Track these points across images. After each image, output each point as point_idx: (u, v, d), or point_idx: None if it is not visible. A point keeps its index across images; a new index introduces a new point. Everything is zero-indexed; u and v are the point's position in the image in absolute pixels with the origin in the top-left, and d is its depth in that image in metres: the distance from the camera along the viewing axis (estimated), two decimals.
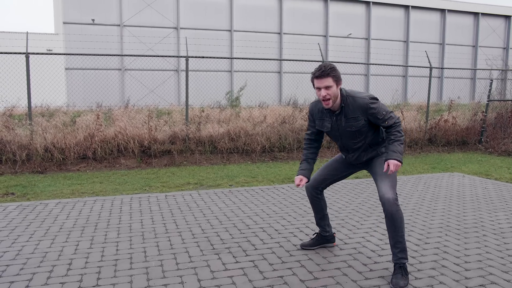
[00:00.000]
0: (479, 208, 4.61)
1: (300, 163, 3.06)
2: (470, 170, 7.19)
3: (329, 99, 2.75)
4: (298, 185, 2.94)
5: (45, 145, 7.26)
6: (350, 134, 2.85)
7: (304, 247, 3.33)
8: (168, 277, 2.80)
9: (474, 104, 11.64)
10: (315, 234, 3.38)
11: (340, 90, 2.79)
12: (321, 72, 2.70)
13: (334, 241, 3.39)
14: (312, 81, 2.78)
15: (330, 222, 4.03)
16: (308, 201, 3.54)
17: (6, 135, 7.34)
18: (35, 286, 2.66)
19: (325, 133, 3.05)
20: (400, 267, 2.72)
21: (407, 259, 2.75)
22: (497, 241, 3.54)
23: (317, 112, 2.96)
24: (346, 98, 2.78)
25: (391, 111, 2.80)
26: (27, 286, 2.66)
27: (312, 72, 2.80)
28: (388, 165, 2.69)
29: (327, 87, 2.72)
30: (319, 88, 2.74)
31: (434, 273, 2.87)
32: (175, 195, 5.19)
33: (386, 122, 2.75)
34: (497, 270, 2.93)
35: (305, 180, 2.97)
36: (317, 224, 3.31)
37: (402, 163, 2.70)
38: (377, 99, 2.78)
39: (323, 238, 3.33)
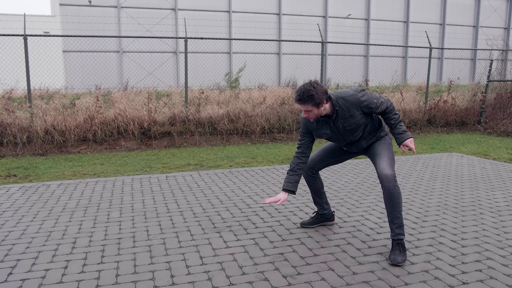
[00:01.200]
0: (477, 187, 4.67)
1: (288, 172, 3.00)
2: (469, 150, 7.23)
3: (311, 117, 2.81)
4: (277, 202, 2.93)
5: (45, 128, 7.28)
6: (351, 131, 2.90)
7: (304, 225, 3.39)
8: (170, 255, 2.86)
9: (474, 85, 11.62)
10: (315, 213, 3.44)
11: (329, 96, 2.80)
12: (299, 100, 2.72)
13: (333, 219, 3.45)
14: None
15: (330, 201, 4.09)
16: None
17: (6, 118, 7.34)
18: (41, 263, 2.72)
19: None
20: (398, 244, 2.78)
21: (404, 235, 2.81)
22: (493, 218, 3.60)
23: (311, 124, 2.95)
24: (337, 101, 2.80)
25: (380, 95, 2.86)
26: (33, 263, 2.72)
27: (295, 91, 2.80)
28: (407, 147, 2.84)
29: (307, 111, 2.77)
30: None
31: (431, 250, 2.94)
32: (175, 175, 5.24)
33: (380, 109, 2.84)
34: (493, 247, 2.99)
35: (285, 198, 2.94)
36: (315, 202, 3.36)
37: (412, 136, 2.79)
38: (364, 89, 2.84)
39: (323, 217, 3.39)
